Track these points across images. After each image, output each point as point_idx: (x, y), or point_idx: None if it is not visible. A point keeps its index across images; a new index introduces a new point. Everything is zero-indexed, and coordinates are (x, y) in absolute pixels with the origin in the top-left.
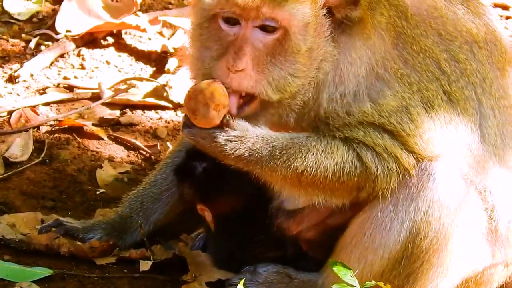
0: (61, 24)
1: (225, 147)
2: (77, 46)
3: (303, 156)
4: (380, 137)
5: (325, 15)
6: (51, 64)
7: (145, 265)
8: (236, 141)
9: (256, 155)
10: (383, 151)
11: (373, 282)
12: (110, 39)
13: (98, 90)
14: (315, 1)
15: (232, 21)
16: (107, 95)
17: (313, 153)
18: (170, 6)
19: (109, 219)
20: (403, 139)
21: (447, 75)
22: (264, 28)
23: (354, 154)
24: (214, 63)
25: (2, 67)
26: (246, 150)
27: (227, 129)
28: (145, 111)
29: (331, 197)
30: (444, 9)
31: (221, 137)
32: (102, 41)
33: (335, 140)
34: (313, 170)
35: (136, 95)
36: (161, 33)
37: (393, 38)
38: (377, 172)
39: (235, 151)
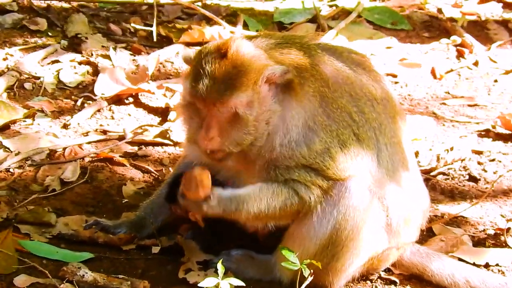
0: (98, 89)
1: (207, 212)
2: (109, 104)
3: (258, 204)
4: (309, 175)
5: (269, 86)
6: (91, 116)
7: (155, 249)
8: (214, 206)
9: (228, 210)
10: (311, 184)
11: (309, 260)
12: (131, 99)
13: (123, 133)
14: (256, 83)
15: None
16: (129, 136)
17: (265, 200)
18: (170, 77)
19: (131, 219)
20: (324, 172)
21: (356, 122)
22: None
23: (292, 191)
24: (197, 132)
25: (59, 118)
26: (220, 210)
27: (208, 200)
28: (155, 147)
29: (279, 222)
30: (354, 77)
31: (205, 207)
32: (125, 100)
33: (279, 186)
34: (266, 210)
35: (148, 136)
36: (164, 95)
37: (319, 101)
38: (310, 199)
39: (213, 212)
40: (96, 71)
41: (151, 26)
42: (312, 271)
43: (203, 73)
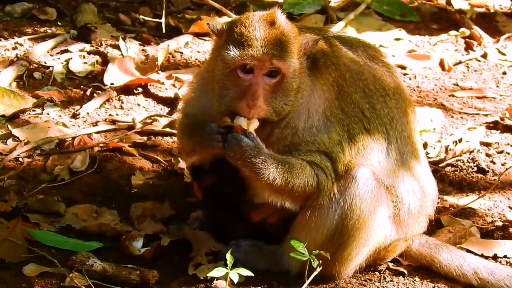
0: (107, 79)
1: (238, 151)
2: (118, 94)
3: (285, 173)
4: (327, 161)
5: (302, 57)
6: (100, 106)
7: (165, 241)
8: (246, 146)
9: (255, 162)
10: (329, 173)
11: (317, 251)
12: (140, 89)
13: (132, 123)
14: (299, 52)
15: (247, 71)
16: (138, 126)
17: (292, 172)
18: (179, 67)
19: None
20: (336, 164)
21: (368, 118)
22: (270, 74)
23: (313, 172)
24: (236, 102)
25: (68, 108)
26: (250, 155)
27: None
28: (164, 137)
29: (291, 203)
30: (368, 73)
31: (235, 144)
32: (134, 90)
33: (303, 162)
34: (290, 183)
35: (157, 126)
36: (173, 85)
37: (336, 92)
38: (326, 185)
39: (244, 156)
40: (105, 61)
41: (161, 16)
42: (320, 261)
43: (254, 38)
